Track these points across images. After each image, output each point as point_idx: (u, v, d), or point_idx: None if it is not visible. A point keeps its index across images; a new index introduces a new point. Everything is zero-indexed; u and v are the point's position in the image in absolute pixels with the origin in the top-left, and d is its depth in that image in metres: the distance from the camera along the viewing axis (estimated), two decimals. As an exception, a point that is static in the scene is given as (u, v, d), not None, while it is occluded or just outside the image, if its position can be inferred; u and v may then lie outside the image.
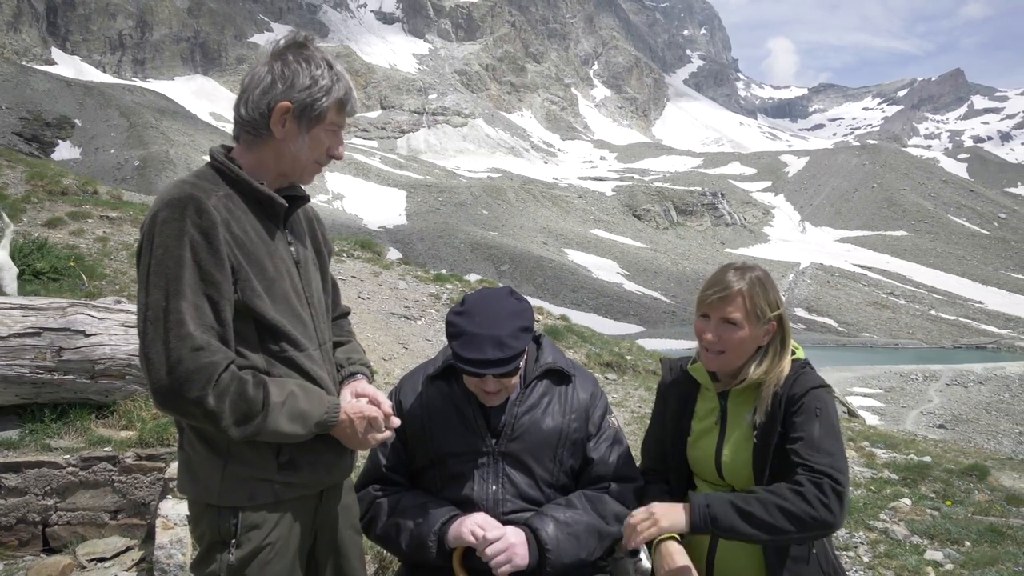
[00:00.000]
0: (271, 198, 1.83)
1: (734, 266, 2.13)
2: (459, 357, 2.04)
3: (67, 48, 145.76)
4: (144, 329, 1.65)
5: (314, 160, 1.88)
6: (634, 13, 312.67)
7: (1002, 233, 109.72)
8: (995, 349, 58.95)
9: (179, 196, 1.70)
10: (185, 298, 1.65)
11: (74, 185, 9.92)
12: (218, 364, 1.66)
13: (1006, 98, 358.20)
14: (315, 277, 2.01)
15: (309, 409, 1.78)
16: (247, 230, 1.78)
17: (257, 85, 1.79)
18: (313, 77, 1.79)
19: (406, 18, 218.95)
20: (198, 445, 1.79)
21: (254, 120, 1.80)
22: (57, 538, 3.91)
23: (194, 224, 1.68)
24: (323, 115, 1.82)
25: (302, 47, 1.83)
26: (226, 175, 1.80)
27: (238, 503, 1.78)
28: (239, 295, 1.74)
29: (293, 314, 1.85)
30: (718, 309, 2.08)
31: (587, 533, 2.11)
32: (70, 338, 4.04)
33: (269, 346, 1.80)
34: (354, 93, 1.90)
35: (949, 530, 4.40)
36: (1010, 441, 24.43)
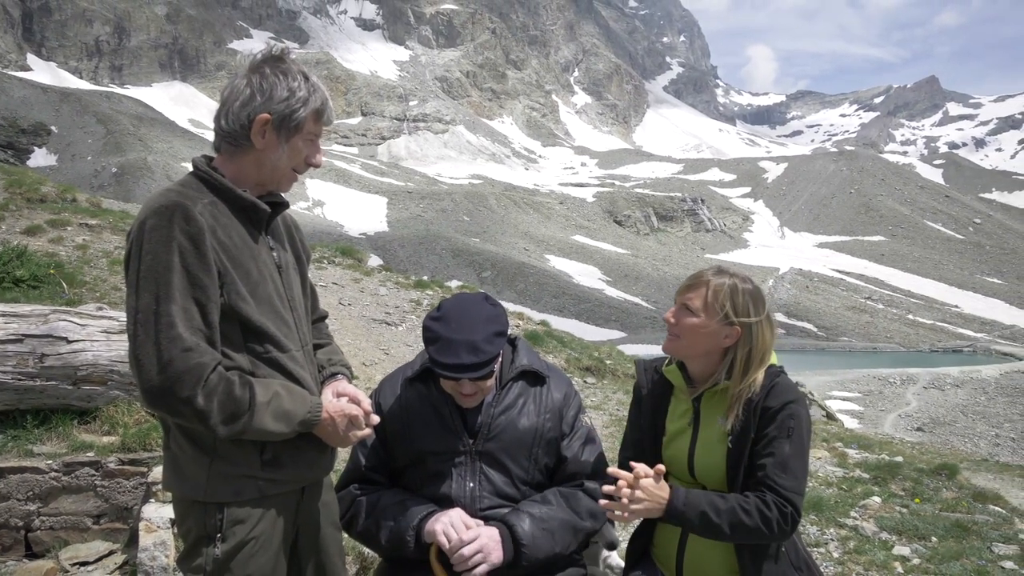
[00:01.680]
0: (255, 204, 1.91)
1: (723, 268, 2.22)
2: (435, 362, 2.13)
3: (43, 54, 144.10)
4: (135, 332, 1.72)
5: (292, 168, 1.96)
6: (614, 20, 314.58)
7: (977, 238, 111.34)
8: (971, 352, 59.69)
9: (166, 204, 1.77)
10: (175, 301, 1.71)
11: (53, 193, 9.88)
12: (207, 365, 1.72)
13: (980, 105, 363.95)
14: (296, 281, 2.10)
15: (293, 409, 1.85)
16: (232, 236, 1.84)
17: (236, 98, 1.86)
18: (291, 89, 1.87)
19: (386, 25, 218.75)
20: (185, 444, 1.84)
21: (235, 132, 1.87)
22: (40, 543, 3.93)
23: (182, 230, 1.74)
24: (301, 125, 1.90)
25: (279, 60, 1.91)
26: (210, 183, 1.87)
27: (224, 499, 1.85)
28: (225, 298, 1.80)
29: (277, 316, 1.93)
30: (683, 294, 2.20)
31: (562, 528, 2.20)
32: (52, 344, 4.06)
33: (254, 347, 1.88)
34: (330, 103, 1.99)
35: (917, 526, 4.52)
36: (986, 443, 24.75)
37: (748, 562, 2.11)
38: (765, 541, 2.06)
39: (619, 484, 2.05)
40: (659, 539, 2.33)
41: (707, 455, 2.17)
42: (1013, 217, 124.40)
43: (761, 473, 2.05)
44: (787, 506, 2.00)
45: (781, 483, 2.02)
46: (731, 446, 2.12)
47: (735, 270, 2.24)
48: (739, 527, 2.01)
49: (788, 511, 2.01)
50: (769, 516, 2.00)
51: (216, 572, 1.86)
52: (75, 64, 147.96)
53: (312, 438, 1.97)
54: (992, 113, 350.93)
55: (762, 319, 2.15)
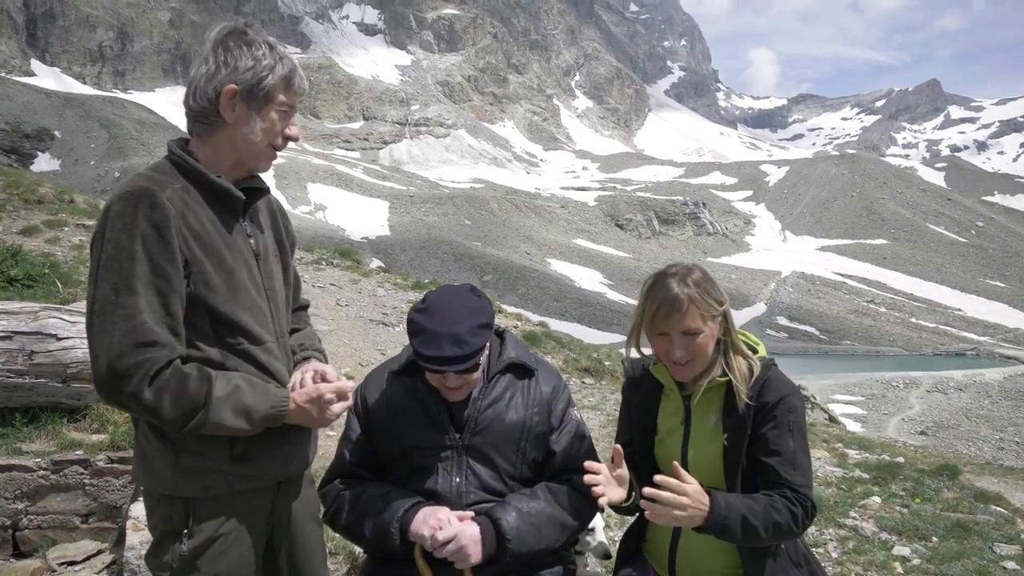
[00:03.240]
0: (228, 191, 1.84)
1: (671, 274, 2.13)
2: (419, 355, 2.08)
3: (47, 60, 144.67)
4: (90, 322, 1.66)
5: (268, 143, 1.88)
6: (615, 25, 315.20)
7: (979, 241, 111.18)
8: (974, 356, 59.65)
9: (132, 190, 1.71)
10: (135, 292, 1.65)
11: (50, 194, 9.87)
12: (157, 360, 1.65)
13: (981, 108, 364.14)
14: (276, 269, 2.03)
15: (254, 404, 1.78)
16: (203, 222, 1.78)
17: (202, 75, 1.80)
18: (255, 58, 1.81)
19: (388, 30, 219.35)
20: (151, 436, 1.80)
21: (204, 108, 1.81)
22: (27, 542, 3.88)
23: (146, 217, 1.68)
24: (271, 94, 1.84)
25: (242, 33, 1.85)
26: (183, 168, 1.81)
27: (191, 493, 1.79)
28: (192, 288, 1.74)
29: (253, 306, 1.87)
30: (676, 325, 2.08)
31: (549, 524, 2.15)
32: (42, 342, 4.02)
33: (225, 339, 1.81)
34: (300, 72, 1.91)
35: (917, 526, 4.47)
36: (990, 447, 24.71)
37: (749, 560, 2.07)
38: (789, 539, 2.04)
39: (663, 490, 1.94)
40: (652, 536, 2.29)
41: (701, 453, 2.13)
42: (1016, 220, 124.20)
43: (771, 472, 2.01)
44: (807, 501, 1.99)
45: (795, 480, 1.99)
46: (727, 444, 2.08)
47: (677, 267, 2.16)
48: (774, 527, 1.97)
49: (808, 506, 1.99)
50: (796, 513, 1.97)
51: (183, 569, 1.80)
52: (79, 69, 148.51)
53: (286, 433, 1.90)
54: (994, 116, 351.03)
55: (721, 297, 2.13)
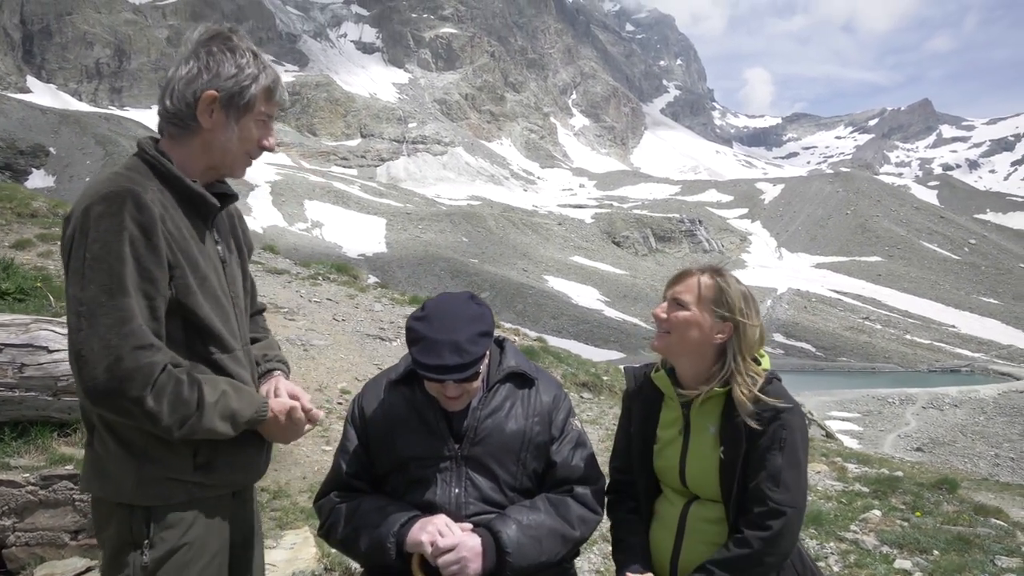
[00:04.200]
0: (203, 197, 1.81)
1: (713, 265, 2.18)
2: (417, 363, 2.04)
3: (43, 76, 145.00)
4: (77, 324, 1.60)
5: (244, 152, 1.85)
6: (611, 44, 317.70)
7: (972, 258, 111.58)
8: (969, 372, 59.65)
9: (116, 190, 1.65)
10: (128, 295, 1.61)
11: (44, 208, 9.85)
12: (158, 364, 1.63)
13: (973, 127, 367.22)
14: (238, 276, 2.00)
15: (240, 408, 1.77)
16: (180, 227, 1.75)
17: (182, 77, 1.76)
18: (239, 66, 1.78)
19: (386, 48, 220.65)
20: (111, 443, 1.73)
21: (180, 111, 1.77)
22: (15, 559, 3.81)
23: (133, 219, 1.63)
24: (251, 104, 1.80)
25: (226, 38, 1.81)
26: (157, 170, 1.76)
27: (151, 502, 1.74)
28: (173, 292, 1.71)
29: (222, 313, 1.84)
30: (672, 287, 2.15)
31: (550, 536, 2.10)
32: (32, 354, 3.98)
33: (196, 347, 1.78)
34: (282, 83, 1.89)
35: (918, 540, 4.44)
36: (986, 463, 24.65)
37: None
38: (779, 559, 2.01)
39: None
40: (653, 545, 2.24)
41: (699, 464, 2.11)
42: (1008, 238, 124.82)
43: (753, 486, 2.00)
44: (780, 515, 1.96)
45: (772, 496, 1.97)
46: (723, 456, 2.05)
47: (725, 268, 2.18)
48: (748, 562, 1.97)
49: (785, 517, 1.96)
50: (764, 535, 1.96)
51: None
52: (75, 86, 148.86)
53: (247, 441, 1.87)
54: (985, 135, 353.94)
55: (751, 313, 2.10)
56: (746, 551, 1.96)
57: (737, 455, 2.03)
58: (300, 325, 8.26)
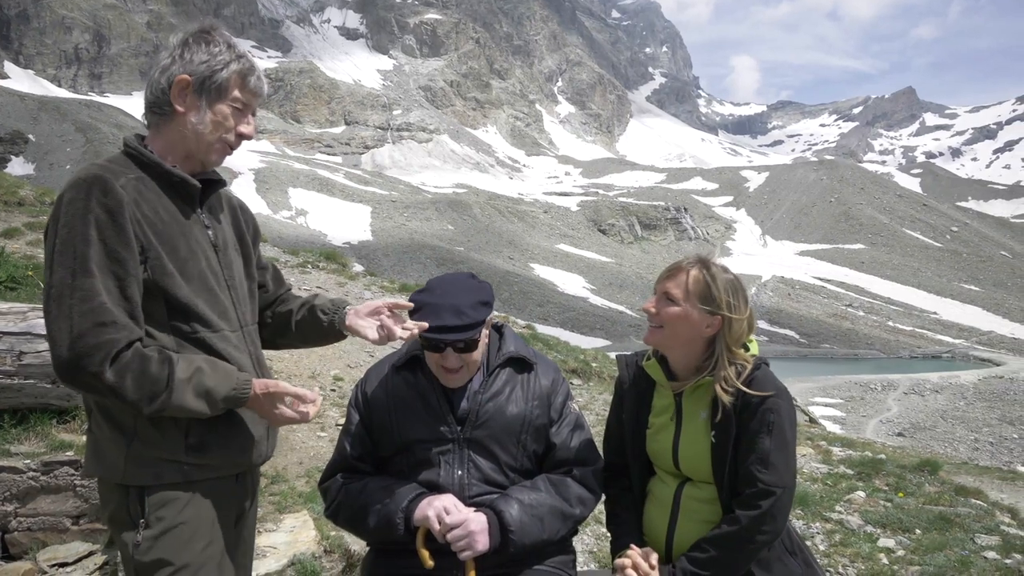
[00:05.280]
0: (184, 180, 1.87)
1: (703, 257, 2.23)
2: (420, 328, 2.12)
3: (20, 62, 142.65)
4: (48, 308, 1.67)
5: (219, 138, 1.90)
6: (597, 31, 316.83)
7: (954, 246, 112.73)
8: (950, 358, 60.32)
9: (85, 177, 1.73)
10: (91, 275, 1.66)
11: (31, 196, 9.79)
12: (118, 341, 1.66)
13: (956, 115, 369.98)
14: (236, 262, 2.05)
15: (215, 385, 1.78)
16: (158, 211, 1.80)
17: (159, 68, 1.86)
18: (211, 53, 1.86)
19: (370, 34, 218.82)
20: (104, 424, 1.80)
21: (157, 99, 1.86)
22: (17, 544, 3.85)
23: (99, 203, 1.69)
24: (224, 88, 1.87)
25: (205, 32, 1.90)
26: (138, 160, 1.84)
27: (144, 482, 1.78)
28: (148, 274, 1.76)
29: (209, 294, 1.88)
30: (662, 282, 2.21)
31: (551, 515, 2.18)
32: (30, 342, 4.00)
33: (179, 326, 1.82)
34: (260, 73, 1.96)
35: (901, 519, 4.58)
36: (966, 448, 25.00)
37: None
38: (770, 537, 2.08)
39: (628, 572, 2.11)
40: (648, 523, 2.33)
41: (691, 448, 2.19)
42: (989, 225, 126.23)
43: (744, 470, 2.09)
44: (770, 495, 2.04)
45: (762, 477, 2.05)
46: (714, 440, 2.13)
47: (714, 259, 2.26)
48: (740, 540, 2.05)
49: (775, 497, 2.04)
50: (754, 514, 2.04)
51: (144, 560, 1.78)
52: (53, 72, 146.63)
53: (243, 423, 1.92)
54: (967, 123, 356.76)
55: (739, 306, 2.17)
56: (738, 529, 2.05)
57: (728, 439, 2.11)
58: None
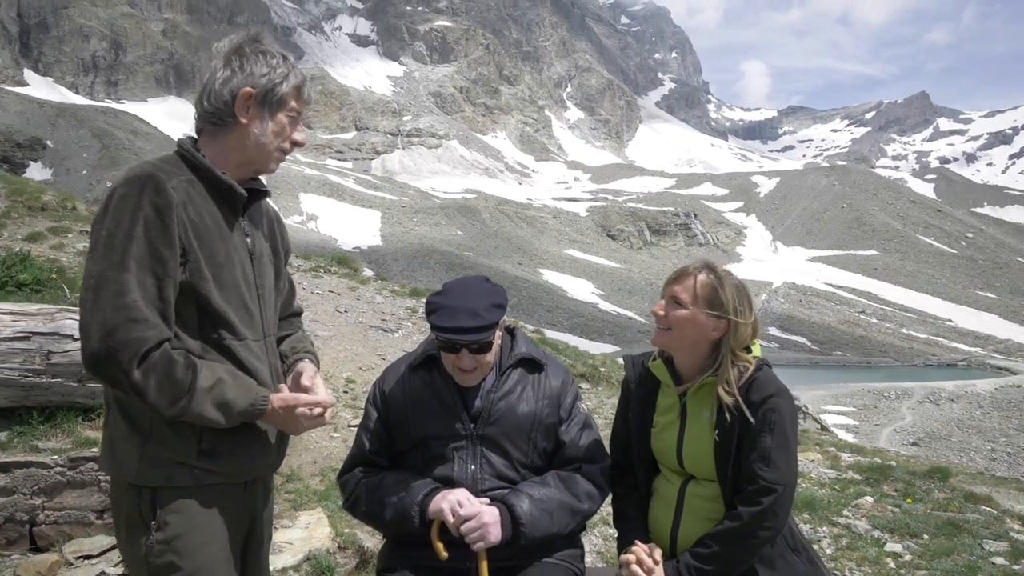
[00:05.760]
0: (231, 187, 1.93)
1: (709, 262, 2.31)
2: (436, 327, 2.22)
3: (40, 70, 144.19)
4: (84, 297, 1.70)
5: (277, 147, 1.98)
6: (606, 37, 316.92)
7: (969, 252, 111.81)
8: (966, 367, 59.66)
9: (139, 174, 1.78)
10: (129, 271, 1.69)
11: (54, 201, 9.98)
12: (148, 340, 1.68)
13: (970, 120, 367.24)
14: (269, 272, 2.10)
15: (235, 398, 1.81)
16: (203, 215, 1.85)
17: (218, 79, 1.91)
18: (270, 65, 1.93)
19: (381, 41, 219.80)
20: (121, 422, 1.83)
21: (218, 110, 1.91)
22: (44, 537, 3.98)
23: (150, 201, 1.73)
24: (284, 100, 1.95)
25: (256, 41, 1.97)
26: (190, 162, 1.89)
27: (155, 483, 1.81)
28: (186, 276, 1.80)
29: (240, 302, 1.92)
30: (670, 286, 2.29)
31: (560, 510, 2.27)
32: (58, 342, 4.14)
33: (208, 332, 1.86)
34: (308, 82, 2.04)
35: (908, 524, 4.60)
36: (982, 458, 24.77)
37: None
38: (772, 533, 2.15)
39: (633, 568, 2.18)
40: (653, 520, 2.40)
41: (695, 447, 2.27)
42: (1005, 231, 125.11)
43: (746, 468, 2.16)
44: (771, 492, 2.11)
45: (764, 475, 2.12)
46: (718, 439, 2.21)
47: (720, 264, 2.34)
48: (743, 536, 2.12)
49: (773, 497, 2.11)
50: (756, 510, 2.11)
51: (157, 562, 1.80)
52: (71, 79, 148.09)
53: (255, 432, 1.94)
54: (982, 128, 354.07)
55: (744, 310, 2.25)
56: (740, 525, 2.12)
57: (731, 438, 2.18)
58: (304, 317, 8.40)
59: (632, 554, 2.22)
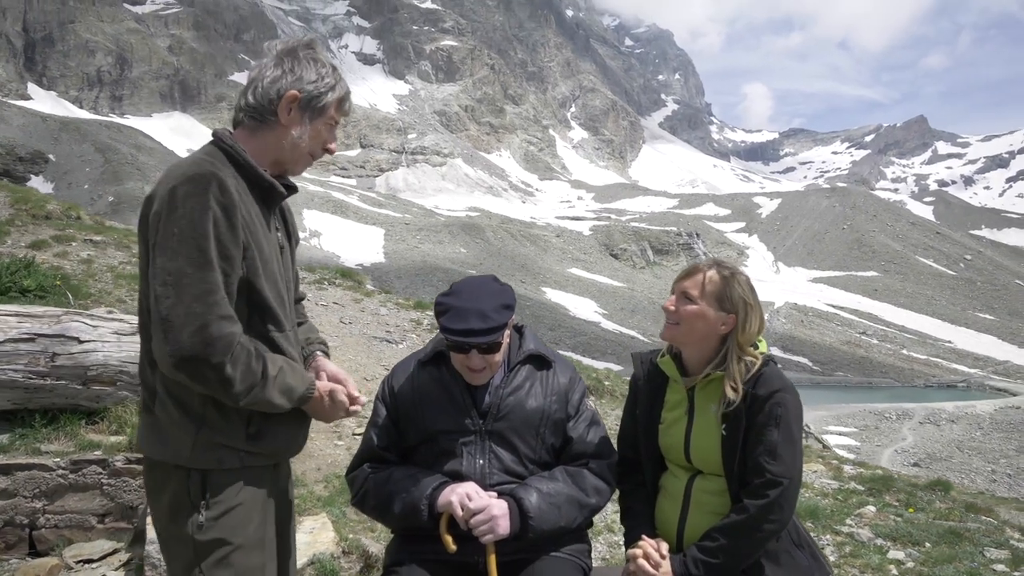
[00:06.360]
0: (273, 186, 1.98)
1: (719, 260, 2.36)
2: (446, 329, 2.23)
3: (44, 84, 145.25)
4: (164, 293, 1.73)
5: (309, 152, 2.03)
6: (610, 58, 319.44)
7: (968, 274, 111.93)
8: (965, 388, 59.59)
9: (202, 172, 1.80)
10: (213, 268, 1.75)
11: (57, 210, 10.03)
12: (237, 334, 1.78)
13: (968, 144, 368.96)
14: (290, 264, 2.18)
15: (294, 384, 1.92)
16: (251, 212, 1.90)
17: (267, 76, 1.95)
18: (320, 74, 1.98)
19: (387, 59, 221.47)
20: (172, 410, 1.87)
21: (262, 106, 1.95)
22: (44, 541, 3.96)
23: (217, 200, 1.78)
24: (326, 109, 2.00)
25: (310, 47, 2.02)
26: (233, 158, 1.92)
27: (207, 466, 1.88)
28: (244, 272, 1.85)
29: (278, 296, 1.99)
30: (681, 282, 2.33)
31: (568, 504, 2.28)
32: (64, 344, 4.14)
33: (257, 326, 1.93)
34: (351, 95, 2.10)
35: (911, 533, 4.62)
36: (983, 479, 24.68)
37: None
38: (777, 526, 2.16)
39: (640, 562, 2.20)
40: (660, 514, 2.41)
41: (703, 441, 2.28)
42: (1003, 254, 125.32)
43: (752, 461, 2.18)
44: (777, 485, 2.13)
45: (770, 468, 2.15)
46: (725, 433, 2.23)
47: (730, 262, 2.37)
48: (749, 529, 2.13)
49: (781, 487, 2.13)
50: (762, 503, 2.13)
51: (205, 538, 1.86)
52: (76, 94, 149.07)
53: (293, 416, 2.02)
54: (980, 152, 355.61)
55: (754, 307, 2.28)
56: (746, 518, 2.14)
57: (738, 432, 2.20)
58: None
59: (639, 548, 2.23)
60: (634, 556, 2.23)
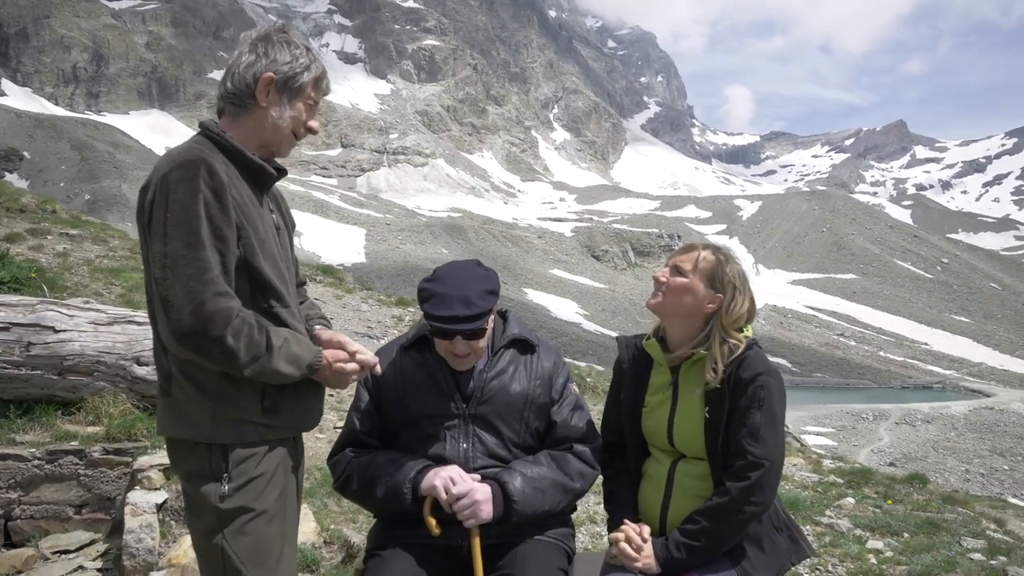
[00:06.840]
0: (263, 168, 2.04)
1: (715, 244, 2.39)
2: (430, 316, 2.22)
3: (18, 80, 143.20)
4: (162, 275, 1.82)
5: (292, 131, 2.08)
6: (593, 60, 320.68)
7: (945, 277, 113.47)
8: (940, 389, 60.37)
9: (191, 158, 1.88)
10: (205, 248, 1.82)
11: (32, 203, 9.88)
12: (235, 308, 1.85)
13: (946, 148, 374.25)
14: (288, 244, 2.24)
15: (301, 353, 1.98)
16: (242, 194, 1.96)
17: (243, 62, 2.01)
18: (293, 55, 2.03)
19: (368, 59, 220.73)
20: (189, 388, 1.94)
21: (240, 91, 2.01)
22: (19, 532, 3.90)
23: (206, 184, 1.85)
24: (303, 88, 2.05)
25: (283, 32, 2.08)
26: (220, 145, 1.98)
27: (227, 441, 1.95)
28: (241, 251, 1.92)
29: (279, 273, 2.05)
30: (675, 257, 2.36)
31: (552, 488, 2.28)
32: (39, 334, 4.07)
33: (259, 302, 1.99)
34: (328, 75, 2.15)
35: (889, 523, 4.69)
36: (956, 478, 25.04)
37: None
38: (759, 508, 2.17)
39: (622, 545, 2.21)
40: (643, 500, 2.41)
41: (686, 424, 2.29)
42: (979, 257, 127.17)
43: (735, 444, 2.19)
44: (759, 467, 2.14)
45: (752, 450, 2.16)
46: (708, 416, 2.24)
47: (727, 249, 2.39)
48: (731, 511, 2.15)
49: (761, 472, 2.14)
50: (744, 485, 2.14)
51: (228, 507, 1.93)
52: (51, 90, 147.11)
53: (307, 389, 2.09)
54: (957, 157, 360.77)
55: (742, 290, 2.30)
56: (728, 500, 2.15)
57: (721, 414, 2.21)
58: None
59: (621, 532, 2.23)
60: (616, 540, 2.23)
